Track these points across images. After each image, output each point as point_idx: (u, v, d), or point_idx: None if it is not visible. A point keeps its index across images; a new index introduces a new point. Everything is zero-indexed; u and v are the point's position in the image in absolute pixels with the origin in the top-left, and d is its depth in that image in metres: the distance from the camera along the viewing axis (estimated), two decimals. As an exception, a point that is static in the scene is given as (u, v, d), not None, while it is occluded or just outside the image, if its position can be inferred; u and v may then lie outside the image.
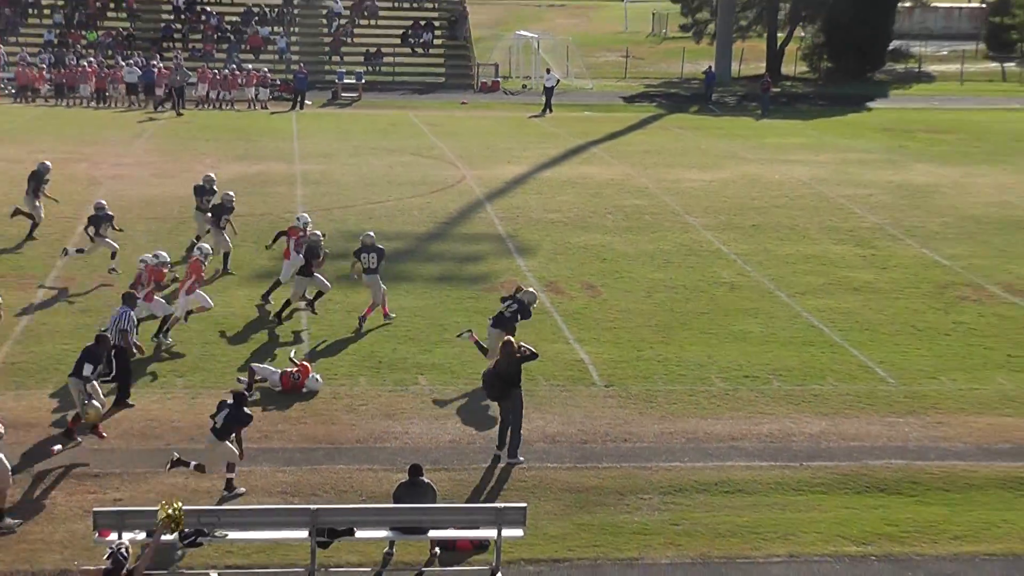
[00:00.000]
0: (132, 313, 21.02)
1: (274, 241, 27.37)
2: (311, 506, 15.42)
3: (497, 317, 21.84)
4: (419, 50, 68.23)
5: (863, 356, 23.84)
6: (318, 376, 21.55)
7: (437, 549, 16.12)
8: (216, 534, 15.14)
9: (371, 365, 22.83)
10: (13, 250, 29.81)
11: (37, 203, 30.90)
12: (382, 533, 15.85)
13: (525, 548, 16.21)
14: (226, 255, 28.29)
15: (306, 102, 57.69)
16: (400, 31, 68.69)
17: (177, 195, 34.82)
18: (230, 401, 17.56)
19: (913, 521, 17.38)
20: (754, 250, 31.64)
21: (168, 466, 17.65)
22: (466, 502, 17.21)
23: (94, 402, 18.95)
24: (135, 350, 21.05)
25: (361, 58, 66.11)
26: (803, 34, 76.14)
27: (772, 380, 22.60)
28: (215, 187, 29.56)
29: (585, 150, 47.58)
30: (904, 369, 23.24)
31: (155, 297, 23.30)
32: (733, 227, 34.53)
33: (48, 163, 31.91)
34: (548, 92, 58.68)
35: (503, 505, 16.16)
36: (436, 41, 68.86)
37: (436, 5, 71.92)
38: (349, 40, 67.83)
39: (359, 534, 15.72)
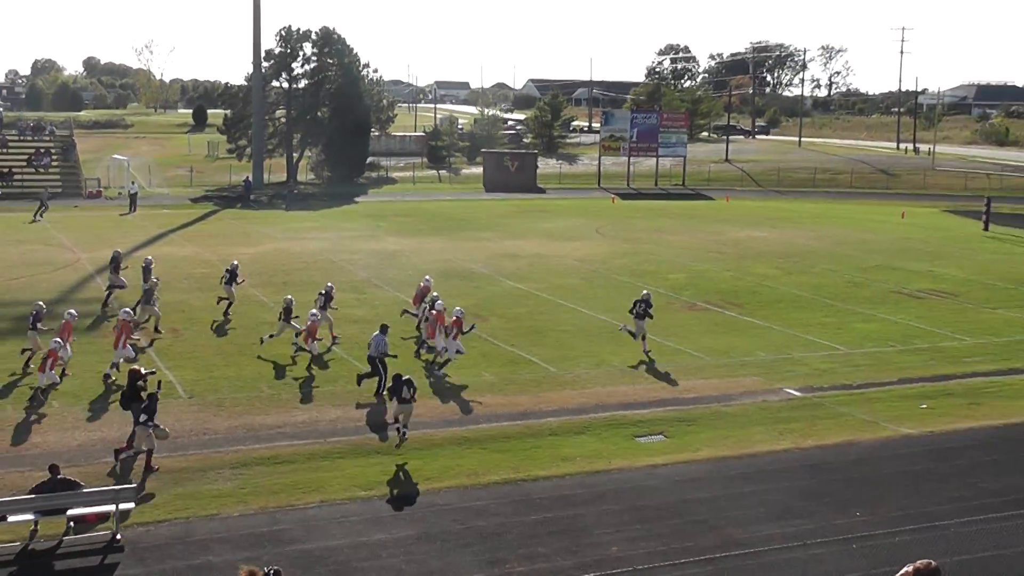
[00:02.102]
0: None
1: None
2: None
3: (638, 312, 27.11)
4: (41, 169, 67.85)
5: (360, 364, 25.07)
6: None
7: (72, 523, 16.03)
8: None
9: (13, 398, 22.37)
10: None
11: None
12: (28, 516, 15.81)
13: (137, 515, 16.62)
14: None
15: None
16: (26, 156, 68.89)
17: None
18: None
19: (397, 472, 18.97)
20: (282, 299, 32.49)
21: None
22: (93, 487, 16.91)
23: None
24: None
25: (-3, 177, 64.96)
26: (310, 153, 79.20)
27: (299, 386, 23.92)
28: None
29: (166, 236, 47.37)
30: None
31: None
32: (272, 283, 35.63)
33: None
34: (133, 197, 58.56)
35: (119, 487, 16.42)
36: (54, 163, 69.04)
37: (51, 137, 73.62)
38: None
39: (11, 519, 15.70)
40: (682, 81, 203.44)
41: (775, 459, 20.10)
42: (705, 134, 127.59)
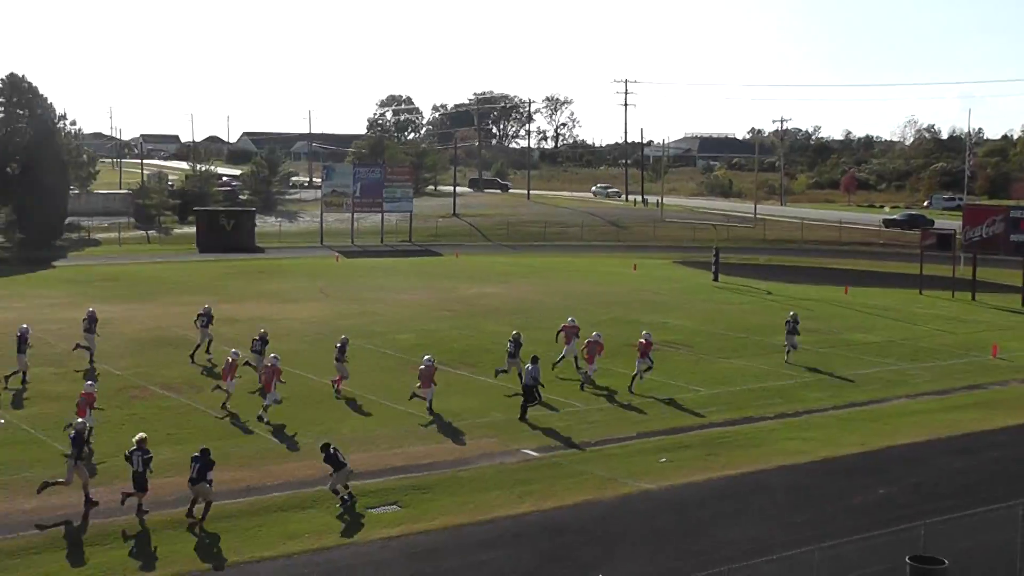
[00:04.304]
0: None
1: None
2: None
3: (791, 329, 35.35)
4: None
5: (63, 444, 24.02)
6: None
7: None
8: None
9: None
10: None
11: None
12: None
13: None
14: None
15: None
16: None
17: None
18: None
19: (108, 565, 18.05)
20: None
21: None
22: None
23: None
24: None
25: None
26: (-1, 214, 74.51)
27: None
28: None
29: None
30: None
31: None
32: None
33: None
34: None
35: None
36: None
37: None
38: None
39: None
40: (406, 133, 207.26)
41: (515, 523, 20.44)
42: (431, 188, 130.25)
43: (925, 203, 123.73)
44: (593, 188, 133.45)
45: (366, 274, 61.44)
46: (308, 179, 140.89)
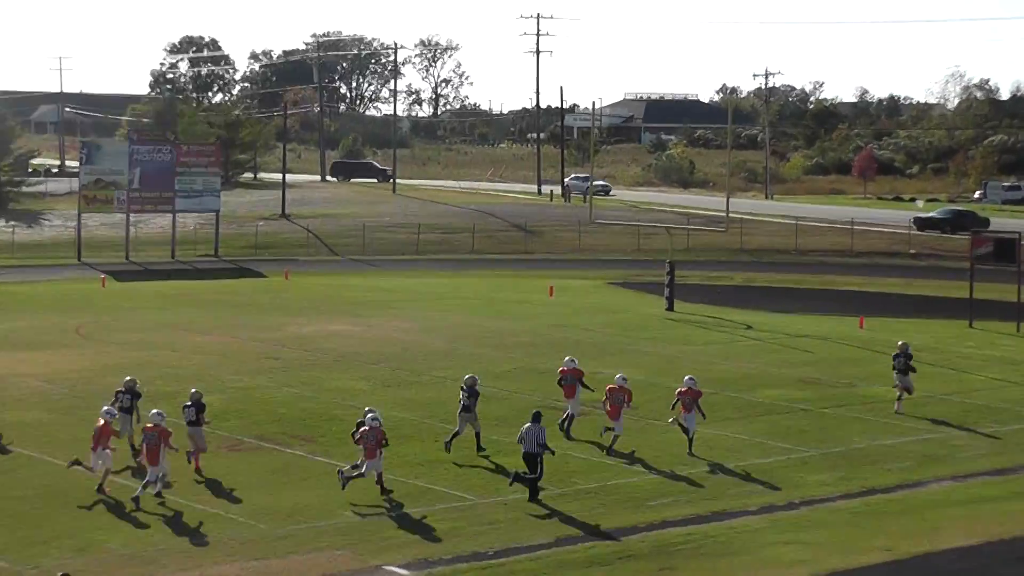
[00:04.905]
0: None
1: None
2: None
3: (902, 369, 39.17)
4: None
5: None
6: None
7: None
8: None
9: None
10: None
11: None
12: None
13: None
14: None
15: None
16: None
17: None
18: None
19: None
20: None
21: None
22: None
23: None
24: None
25: None
26: None
27: None
28: None
29: None
30: None
31: None
32: None
33: None
34: None
35: None
36: None
37: None
38: None
39: None
40: (209, 94, 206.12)
41: None
42: (250, 176, 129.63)
43: (976, 194, 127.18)
44: (568, 179, 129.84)
45: (148, 305, 60.94)
46: (59, 162, 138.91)
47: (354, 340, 51.26)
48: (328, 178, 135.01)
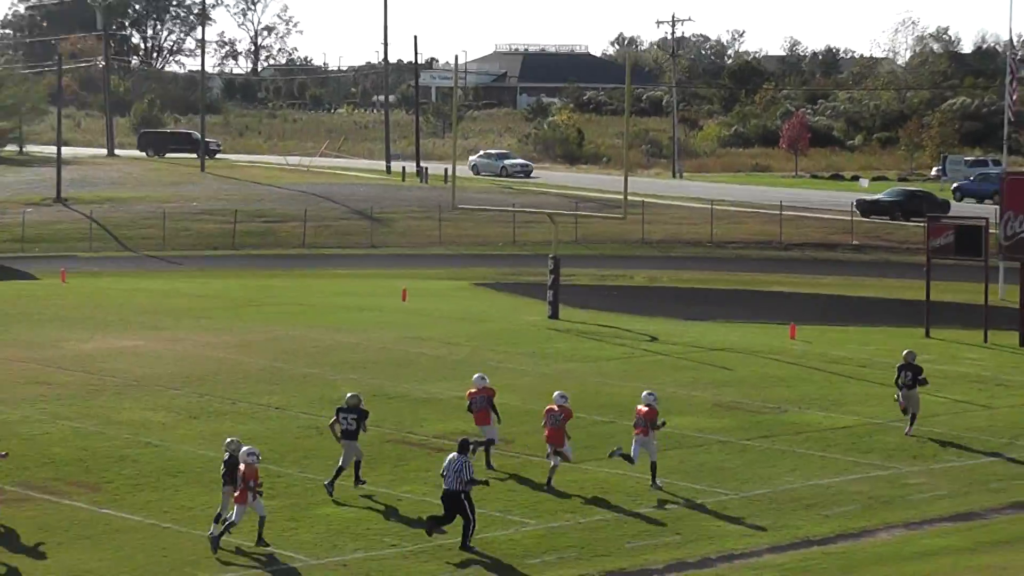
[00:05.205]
0: None
1: None
2: None
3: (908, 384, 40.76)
4: None
5: None
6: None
7: None
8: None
9: None
10: None
11: None
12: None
13: None
14: None
15: None
16: None
17: None
18: None
19: None
20: None
21: None
22: None
23: None
24: None
25: None
26: None
27: None
28: None
29: None
30: None
31: None
32: None
33: None
34: None
35: None
36: None
37: None
38: None
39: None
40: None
41: None
42: (14, 149, 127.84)
43: (934, 170, 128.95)
44: (474, 157, 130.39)
45: None
46: None
47: (150, 359, 50.88)
48: (135, 154, 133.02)
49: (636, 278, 76.96)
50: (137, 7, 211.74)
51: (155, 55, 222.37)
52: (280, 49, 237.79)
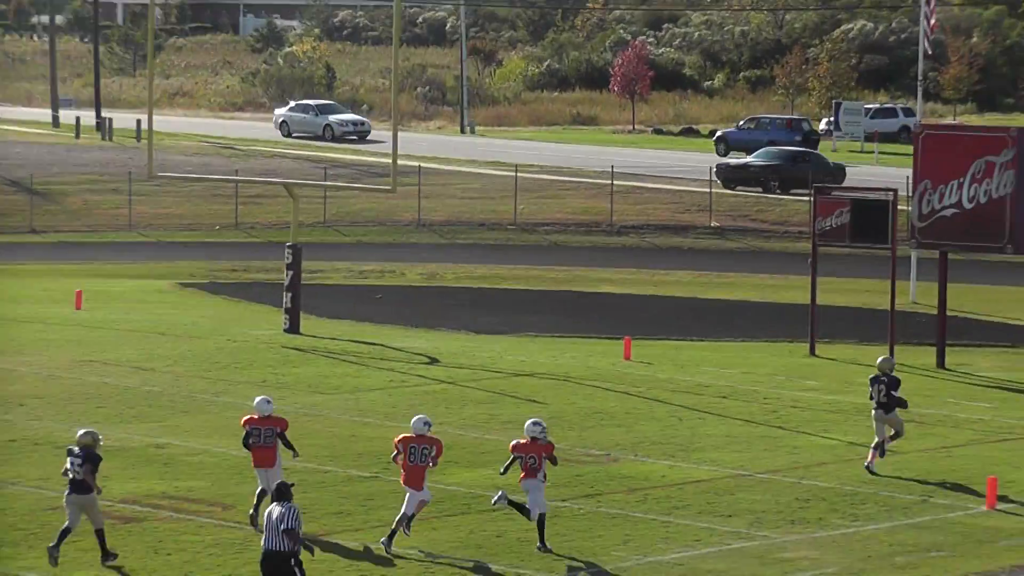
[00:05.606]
0: None
1: None
2: None
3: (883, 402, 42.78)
4: None
5: None
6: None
7: None
8: None
9: None
10: None
11: None
12: None
13: None
14: None
15: None
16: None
17: None
18: None
19: None
20: None
21: None
22: None
23: None
24: None
25: None
26: None
27: None
28: None
29: None
30: None
31: None
32: None
33: None
34: None
35: None
36: None
37: None
38: None
39: None
40: None
41: None
42: None
43: (823, 122, 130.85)
44: (283, 111, 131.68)
45: None
46: None
47: None
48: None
49: (409, 275, 77.45)
50: None
51: None
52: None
